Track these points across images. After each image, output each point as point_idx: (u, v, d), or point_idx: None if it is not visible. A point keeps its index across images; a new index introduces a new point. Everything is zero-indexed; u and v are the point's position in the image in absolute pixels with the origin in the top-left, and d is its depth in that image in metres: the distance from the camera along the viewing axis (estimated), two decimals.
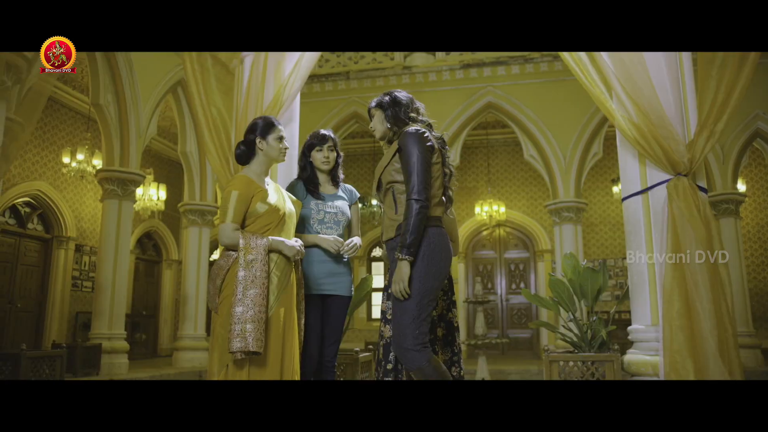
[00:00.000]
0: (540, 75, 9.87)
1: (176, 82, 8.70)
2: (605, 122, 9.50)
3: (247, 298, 2.52)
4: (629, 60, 3.38)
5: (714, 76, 3.36)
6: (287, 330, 2.67)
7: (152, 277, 12.28)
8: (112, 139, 7.77)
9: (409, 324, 2.34)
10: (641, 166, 3.49)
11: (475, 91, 10.10)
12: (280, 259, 2.67)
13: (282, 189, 2.91)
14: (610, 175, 11.49)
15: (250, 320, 2.50)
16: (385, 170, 2.54)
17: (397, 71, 10.48)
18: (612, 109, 3.45)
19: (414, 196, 2.37)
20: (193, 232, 9.36)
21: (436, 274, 2.41)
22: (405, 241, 2.34)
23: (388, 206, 2.56)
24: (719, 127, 3.26)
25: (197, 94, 4.00)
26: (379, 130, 2.69)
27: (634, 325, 3.45)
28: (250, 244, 2.59)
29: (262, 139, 2.81)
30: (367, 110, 2.80)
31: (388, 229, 2.55)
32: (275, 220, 2.70)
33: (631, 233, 3.51)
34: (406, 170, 2.43)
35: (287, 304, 2.70)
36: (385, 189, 2.57)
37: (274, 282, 2.64)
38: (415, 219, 2.35)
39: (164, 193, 10.38)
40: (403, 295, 2.35)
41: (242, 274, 2.55)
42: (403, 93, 2.71)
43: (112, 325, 7.57)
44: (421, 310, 2.36)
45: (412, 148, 2.43)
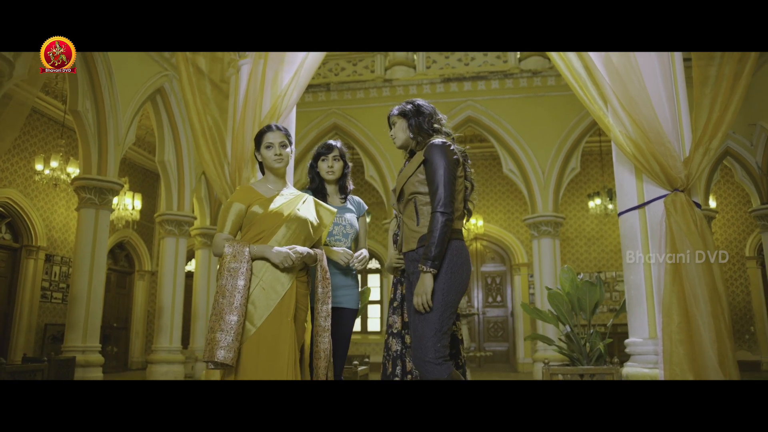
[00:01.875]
0: (519, 90, 10.02)
1: (156, 89, 8.58)
2: (583, 138, 9.68)
3: (221, 306, 2.39)
4: (626, 76, 3.45)
5: (708, 95, 3.46)
6: (275, 347, 2.42)
7: (124, 289, 11.99)
8: (89, 146, 7.59)
9: (431, 337, 2.32)
10: (638, 181, 3.55)
11: (455, 105, 10.19)
12: (268, 267, 2.49)
13: (308, 198, 2.74)
14: (586, 189, 11.69)
15: (220, 329, 2.35)
16: (409, 181, 2.52)
17: (377, 84, 10.52)
18: (610, 124, 3.51)
19: (440, 209, 2.36)
20: (170, 242, 9.18)
21: (458, 287, 2.40)
22: (430, 253, 2.33)
23: (409, 217, 2.53)
24: (714, 144, 3.35)
25: (193, 102, 3.94)
26: (401, 139, 2.66)
27: (631, 338, 3.49)
28: (234, 251, 2.47)
29: (258, 151, 2.76)
30: (387, 117, 2.77)
31: (409, 240, 2.52)
32: (271, 227, 2.55)
33: (628, 247, 3.57)
34: (432, 182, 2.42)
35: (279, 317, 2.47)
36: (406, 199, 2.54)
37: (258, 292, 2.46)
38: (441, 232, 2.34)
39: (140, 203, 10.17)
40: (425, 308, 2.33)
41: (221, 283, 2.43)
42: (425, 102, 2.70)
43: (86, 337, 7.33)
44: (443, 323, 2.34)
45: (439, 160, 2.43)
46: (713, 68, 3.48)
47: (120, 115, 7.80)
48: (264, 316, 2.45)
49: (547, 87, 9.88)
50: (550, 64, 10.02)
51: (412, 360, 2.46)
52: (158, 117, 8.96)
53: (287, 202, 2.63)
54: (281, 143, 2.69)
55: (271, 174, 2.74)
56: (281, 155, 2.68)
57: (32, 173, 8.95)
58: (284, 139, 2.71)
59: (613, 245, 11.66)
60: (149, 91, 8.43)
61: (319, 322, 2.62)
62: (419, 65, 10.67)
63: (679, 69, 3.66)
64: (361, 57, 10.92)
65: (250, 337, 2.42)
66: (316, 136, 10.36)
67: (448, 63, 10.70)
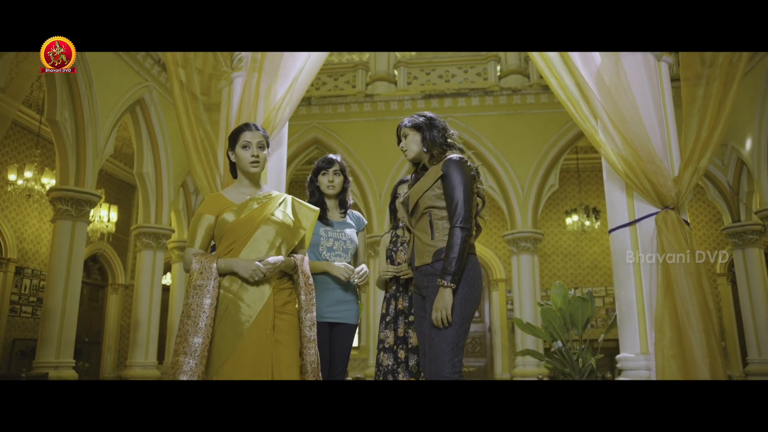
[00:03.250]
0: (499, 108, 10.16)
1: (136, 100, 8.48)
2: (561, 155, 9.84)
3: (185, 327, 2.20)
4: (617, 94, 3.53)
5: (696, 115, 3.55)
6: (256, 368, 2.23)
7: (96, 302, 11.70)
8: (67, 156, 7.44)
9: (448, 351, 2.31)
10: (629, 199, 3.62)
11: None
12: (240, 281, 2.29)
13: (286, 199, 2.51)
14: (563, 206, 11.86)
15: (183, 352, 2.18)
16: (425, 195, 2.52)
17: (359, 99, 10.55)
18: (602, 142, 3.57)
19: (461, 224, 2.38)
20: (147, 255, 9.03)
21: (474, 301, 2.42)
22: (450, 268, 2.33)
23: (423, 231, 2.53)
24: (703, 163, 3.44)
25: (185, 114, 3.89)
26: (413, 151, 2.65)
27: (622, 353, 3.53)
28: (201, 267, 2.27)
29: (232, 150, 2.49)
30: (397, 128, 2.75)
31: (423, 254, 2.51)
32: (242, 236, 2.34)
33: (619, 264, 3.62)
34: (451, 197, 2.43)
35: (258, 334, 2.25)
36: (421, 213, 2.54)
37: (231, 310, 2.26)
38: (461, 247, 2.35)
39: (115, 215, 9.98)
40: (443, 323, 2.32)
41: (187, 302, 2.25)
42: (437, 116, 2.71)
43: (59, 352, 7.13)
44: (460, 337, 2.35)
45: (457, 176, 2.44)
46: (701, 88, 3.58)
47: (99, 125, 7.68)
48: (241, 335, 2.25)
49: (527, 105, 10.03)
50: (529, 82, 10.21)
51: (427, 374, 2.45)
52: (137, 128, 8.83)
53: (261, 206, 2.42)
54: (259, 144, 2.45)
55: (245, 178, 2.49)
56: (258, 157, 2.43)
57: (4, 183, 8.73)
58: (262, 139, 2.47)
59: (589, 261, 11.83)
60: (129, 102, 8.33)
61: (304, 332, 2.39)
62: (400, 81, 10.75)
63: (666, 88, 3.76)
64: (343, 72, 10.97)
65: (228, 361, 2.22)
66: (296, 150, 10.33)
67: (428, 79, 10.81)
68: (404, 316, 3.07)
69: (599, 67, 3.61)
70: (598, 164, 11.83)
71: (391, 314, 3.11)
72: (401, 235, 3.28)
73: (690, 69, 3.59)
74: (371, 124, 10.43)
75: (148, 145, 8.92)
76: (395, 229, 3.36)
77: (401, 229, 3.29)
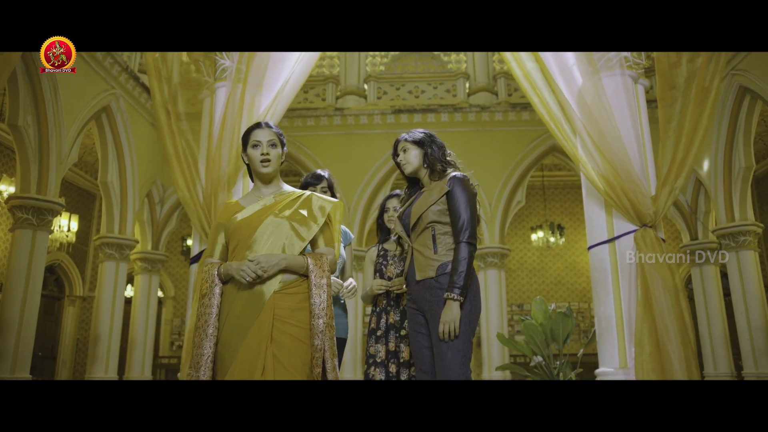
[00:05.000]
0: (468, 124, 10.30)
1: (102, 108, 8.27)
2: (528, 172, 10.03)
3: (195, 339, 2.13)
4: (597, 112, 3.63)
5: (671, 136, 3.68)
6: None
7: (51, 315, 11.29)
8: (29, 163, 7.17)
9: (459, 364, 2.36)
10: (608, 216, 3.71)
11: None
12: (233, 288, 2.14)
13: (304, 196, 2.32)
14: (528, 222, 12.07)
15: (191, 365, 2.11)
16: (429, 209, 2.54)
17: (329, 112, 10.54)
18: (584, 161, 3.66)
19: (467, 239, 2.44)
20: (109, 266, 8.76)
21: (477, 313, 2.49)
22: (458, 282, 2.37)
23: (424, 245, 2.55)
24: (679, 183, 3.56)
25: (167, 125, 3.82)
26: (413, 165, 2.69)
27: (602, 368, 3.60)
28: (205, 275, 2.18)
29: (244, 152, 2.36)
30: (395, 142, 2.77)
31: (426, 268, 2.52)
32: (243, 237, 2.19)
33: (598, 280, 3.71)
34: (457, 214, 2.47)
35: (257, 344, 2.07)
36: (423, 228, 2.56)
37: (231, 320, 2.11)
38: (468, 261, 2.41)
39: (76, 224, 9.68)
40: (451, 336, 2.35)
41: (196, 313, 2.17)
42: (434, 133, 2.75)
43: (16, 367, 6.84)
44: (468, 349, 2.40)
45: (463, 193, 2.50)
46: (676, 111, 3.71)
47: (64, 132, 7.45)
48: (238, 346, 2.08)
49: (495, 122, 10.20)
50: (497, 99, 10.40)
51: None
52: (103, 136, 8.61)
53: (269, 205, 2.26)
54: (270, 142, 2.30)
55: (259, 179, 2.34)
56: (268, 156, 2.28)
57: None
58: (274, 137, 2.32)
59: (553, 277, 12.04)
60: (95, 109, 8.11)
61: (312, 341, 2.14)
62: (370, 95, 10.81)
63: (643, 109, 3.90)
64: (313, 85, 10.95)
65: (227, 375, 2.08)
66: None
67: (398, 94, 10.90)
68: (395, 330, 3.07)
69: (580, 87, 3.72)
70: (562, 182, 12.12)
71: (382, 328, 3.10)
72: (390, 249, 3.29)
73: (666, 92, 3.72)
74: (341, 137, 10.43)
75: (114, 153, 8.70)
76: (382, 243, 3.36)
77: (391, 242, 3.29)
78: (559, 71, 3.75)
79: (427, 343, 2.53)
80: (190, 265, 3.93)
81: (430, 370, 2.52)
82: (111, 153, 8.73)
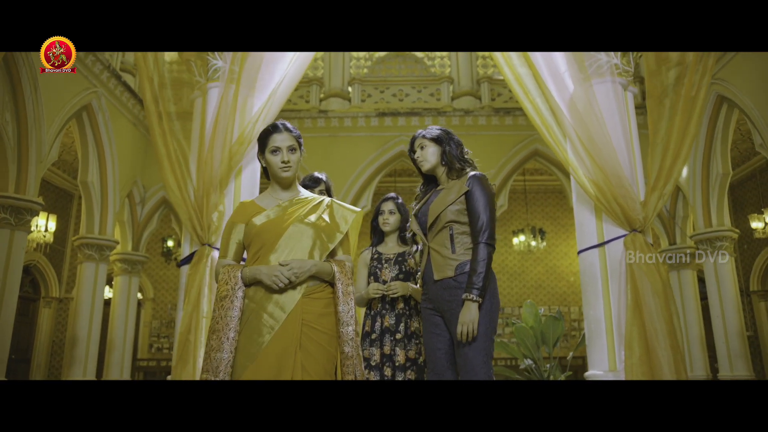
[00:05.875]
0: (452, 128, 10.24)
1: (83, 106, 8.14)
2: (511, 176, 10.13)
3: (211, 343, 2.07)
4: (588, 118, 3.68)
5: (660, 143, 3.75)
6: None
7: (26, 317, 11.04)
8: (8, 162, 7.02)
9: (481, 363, 2.37)
10: (598, 221, 3.77)
11: (389, 140, 10.37)
12: (262, 290, 2.11)
13: (324, 201, 2.31)
14: (510, 226, 12.16)
15: (206, 370, 2.05)
16: (448, 209, 2.53)
17: (312, 114, 10.52)
18: (575, 166, 3.71)
19: (487, 240, 2.44)
20: (89, 268, 8.61)
21: (497, 311, 2.50)
22: (477, 283, 2.38)
23: (441, 245, 2.54)
24: (668, 189, 3.63)
25: (158, 125, 3.78)
26: (430, 163, 2.67)
27: (591, 371, 3.65)
28: (225, 277, 2.13)
29: (262, 154, 2.31)
30: (411, 139, 2.76)
31: (443, 268, 2.51)
32: (269, 241, 2.16)
33: (588, 284, 3.75)
34: (477, 214, 2.47)
35: (281, 349, 2.04)
36: (441, 227, 2.55)
37: (252, 322, 2.07)
38: (488, 262, 2.42)
39: (54, 224, 9.51)
40: (469, 337, 2.35)
41: (213, 316, 2.11)
42: (452, 131, 2.76)
43: None
44: (489, 348, 2.41)
45: (483, 193, 2.50)
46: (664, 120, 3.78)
47: (44, 130, 7.31)
48: (259, 349, 2.05)
49: (478, 126, 10.28)
50: (481, 104, 10.48)
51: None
52: (83, 135, 8.47)
53: (293, 209, 2.23)
54: (290, 147, 2.24)
55: (277, 183, 2.30)
56: (289, 163, 2.23)
57: None
58: (293, 142, 2.26)
59: (534, 281, 12.15)
60: (76, 107, 7.98)
61: (342, 348, 2.14)
62: (354, 98, 10.81)
63: (632, 116, 3.96)
64: (297, 86, 10.88)
65: (243, 377, 2.04)
66: None
67: (382, 97, 10.92)
68: (390, 334, 3.07)
69: (572, 94, 3.77)
70: (543, 186, 12.25)
71: (376, 332, 3.10)
72: (384, 252, 3.29)
73: (654, 100, 3.79)
74: (325, 139, 10.41)
75: (94, 153, 8.56)
76: (376, 246, 3.36)
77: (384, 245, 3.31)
78: (551, 77, 3.79)
79: (441, 345, 2.53)
80: (179, 267, 3.88)
81: (442, 372, 2.52)
82: (92, 152, 8.59)
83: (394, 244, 3.31)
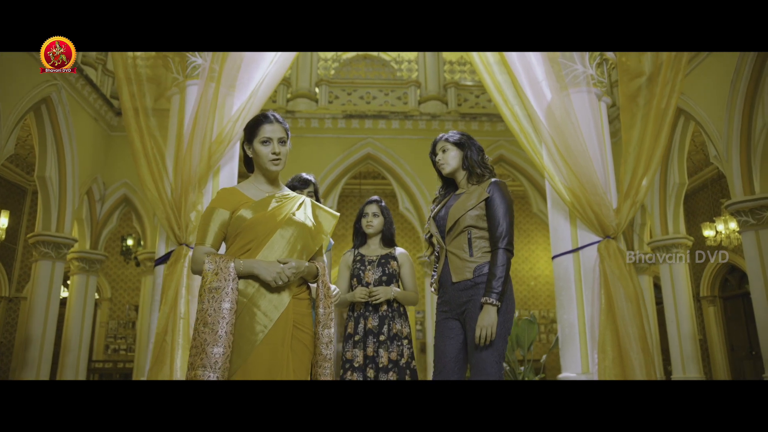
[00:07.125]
0: (418, 132, 10.44)
1: (42, 99, 7.85)
2: None
3: (202, 337, 1.97)
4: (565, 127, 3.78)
5: (632, 152, 3.87)
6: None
7: None
8: None
9: (494, 364, 2.41)
10: (572, 227, 3.87)
11: (356, 142, 10.38)
12: (256, 286, 2.06)
13: (305, 201, 2.29)
14: None
15: (202, 365, 1.95)
16: (467, 214, 2.56)
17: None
18: (551, 173, 3.80)
19: (506, 246, 2.48)
20: (45, 266, 8.30)
21: (512, 314, 2.56)
22: (497, 288, 2.42)
23: (459, 248, 2.57)
24: (640, 197, 3.75)
25: (135, 122, 3.69)
26: (451, 166, 2.69)
27: (564, 373, 3.74)
28: (216, 268, 2.03)
29: (249, 144, 2.23)
30: (434, 142, 2.77)
31: (462, 270, 2.54)
32: (261, 235, 2.11)
33: (562, 288, 3.85)
34: (496, 220, 2.51)
35: (272, 348, 2.02)
36: (460, 231, 2.58)
37: (245, 318, 2.03)
38: (507, 268, 2.46)
39: (6, 220, 9.14)
40: (487, 340, 2.39)
41: (202, 307, 2.01)
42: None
43: None
44: (503, 348, 2.46)
45: (503, 199, 2.55)
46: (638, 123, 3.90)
47: (1, 123, 7.04)
48: (252, 347, 2.01)
49: (445, 130, 10.29)
50: (447, 108, 10.60)
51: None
52: (41, 129, 8.17)
53: (282, 204, 2.19)
54: (280, 139, 2.19)
55: (263, 175, 2.23)
56: (279, 155, 2.18)
57: None
58: (284, 134, 2.22)
59: None
60: (34, 100, 7.69)
61: (320, 349, 2.16)
62: (322, 99, 10.77)
63: (605, 125, 4.09)
64: None
65: (236, 375, 1.99)
66: None
67: (350, 99, 10.92)
68: (374, 336, 3.08)
69: (549, 102, 3.86)
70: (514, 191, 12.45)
71: (359, 333, 3.11)
72: (366, 254, 3.30)
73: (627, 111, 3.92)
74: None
75: (53, 147, 8.27)
76: (358, 248, 3.37)
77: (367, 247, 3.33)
78: (529, 85, 3.88)
79: (452, 349, 2.56)
80: (155, 267, 3.80)
81: (448, 376, 2.55)
82: (50, 147, 8.29)
83: (377, 246, 3.33)
